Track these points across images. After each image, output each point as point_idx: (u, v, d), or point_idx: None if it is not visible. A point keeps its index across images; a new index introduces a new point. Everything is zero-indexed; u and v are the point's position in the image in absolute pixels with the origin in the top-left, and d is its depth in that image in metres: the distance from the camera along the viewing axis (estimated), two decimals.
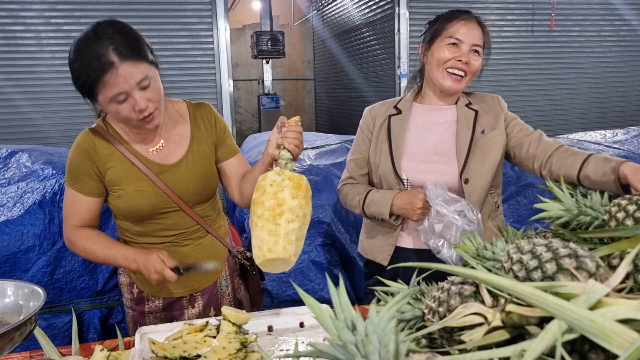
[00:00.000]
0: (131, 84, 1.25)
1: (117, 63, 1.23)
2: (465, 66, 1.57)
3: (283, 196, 1.13)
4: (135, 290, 1.56)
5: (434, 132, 1.66)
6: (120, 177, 1.41)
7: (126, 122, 1.36)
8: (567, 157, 1.40)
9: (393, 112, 1.71)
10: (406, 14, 5.61)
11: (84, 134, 1.45)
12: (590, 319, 0.47)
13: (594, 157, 1.32)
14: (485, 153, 1.61)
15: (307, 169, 2.61)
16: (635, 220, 0.80)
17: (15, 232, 2.05)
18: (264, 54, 7.38)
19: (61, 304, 2.11)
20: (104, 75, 1.22)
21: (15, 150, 2.45)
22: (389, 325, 0.48)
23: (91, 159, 1.41)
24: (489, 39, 1.62)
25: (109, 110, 1.31)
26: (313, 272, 2.37)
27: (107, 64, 1.22)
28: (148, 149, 1.45)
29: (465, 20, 1.59)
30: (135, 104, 1.27)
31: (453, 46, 1.58)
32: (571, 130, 4.35)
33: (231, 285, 1.67)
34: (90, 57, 1.23)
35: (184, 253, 1.52)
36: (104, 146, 1.42)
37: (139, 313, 1.57)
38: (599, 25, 6.23)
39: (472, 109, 1.66)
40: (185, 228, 1.52)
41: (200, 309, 1.59)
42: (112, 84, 1.23)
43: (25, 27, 4.59)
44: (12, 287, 1.04)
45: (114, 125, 1.45)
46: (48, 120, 4.74)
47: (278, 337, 1.29)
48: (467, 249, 0.88)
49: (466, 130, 1.63)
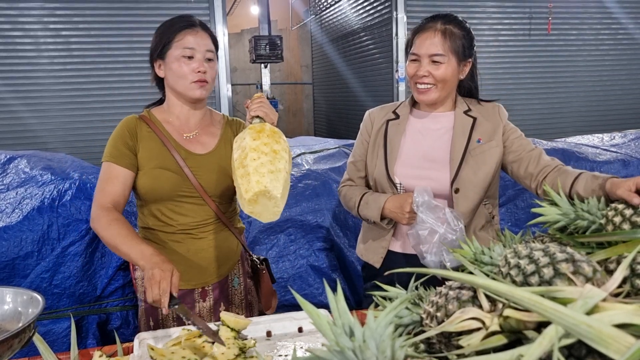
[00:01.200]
0: (202, 48, 1.52)
1: (198, 27, 1.53)
2: (428, 78, 1.56)
3: (245, 143, 1.22)
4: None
5: (429, 138, 1.66)
6: (150, 155, 1.54)
7: (182, 81, 1.53)
8: (560, 175, 1.43)
9: (391, 117, 1.72)
10: (404, 18, 5.62)
11: (129, 117, 1.60)
12: (587, 324, 0.47)
13: (584, 175, 1.35)
14: (479, 163, 1.59)
15: (305, 173, 2.61)
16: (632, 224, 0.80)
17: (14, 238, 2.04)
18: (262, 58, 7.39)
19: (60, 310, 2.11)
20: (186, 29, 1.51)
21: (14, 156, 2.45)
22: (386, 331, 0.48)
23: (132, 134, 1.55)
24: (456, 41, 1.55)
25: (173, 67, 1.51)
26: (312, 277, 2.37)
27: (190, 23, 1.53)
28: (183, 135, 1.60)
29: (423, 31, 1.58)
30: (199, 65, 1.51)
31: (414, 62, 1.59)
32: (569, 134, 4.36)
33: (243, 284, 1.73)
34: (177, 19, 1.55)
35: (199, 246, 1.59)
36: (144, 129, 1.57)
37: (151, 305, 1.55)
38: (596, 28, 6.25)
39: (470, 116, 1.64)
40: (203, 219, 1.58)
41: (211, 303, 1.64)
42: (189, 39, 1.50)
43: (24, 32, 4.59)
44: (11, 294, 1.04)
45: (157, 115, 1.62)
46: (47, 125, 4.74)
47: (277, 342, 1.29)
48: (465, 253, 0.88)
49: (462, 138, 1.61)
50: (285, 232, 2.42)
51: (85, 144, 4.78)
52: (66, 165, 2.39)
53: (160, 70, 1.57)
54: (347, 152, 2.90)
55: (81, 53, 4.73)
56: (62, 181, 2.20)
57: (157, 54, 1.54)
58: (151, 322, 1.61)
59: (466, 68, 1.62)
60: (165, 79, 1.58)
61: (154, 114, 1.62)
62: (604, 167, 2.76)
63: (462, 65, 1.60)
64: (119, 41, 4.79)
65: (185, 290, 1.59)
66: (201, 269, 1.59)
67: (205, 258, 1.60)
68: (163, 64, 1.55)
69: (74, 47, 4.71)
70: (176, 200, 1.55)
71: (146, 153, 1.54)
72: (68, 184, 2.19)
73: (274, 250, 2.38)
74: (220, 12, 4.98)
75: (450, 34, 1.55)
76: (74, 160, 2.52)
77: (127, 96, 4.85)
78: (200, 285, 1.62)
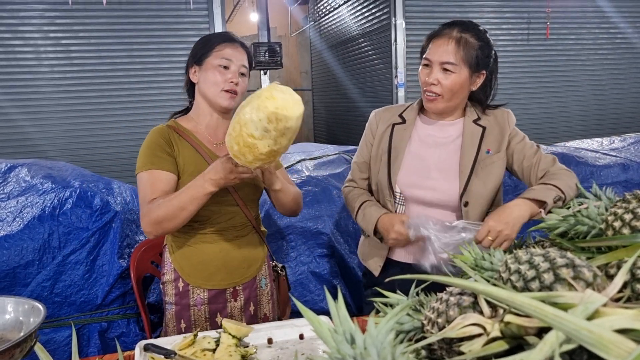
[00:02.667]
0: (238, 61, 1.59)
1: (238, 43, 1.62)
2: (436, 87, 1.52)
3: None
4: (180, 284, 1.64)
5: (436, 147, 1.62)
6: (187, 163, 1.58)
7: (214, 88, 1.58)
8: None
9: (397, 121, 1.67)
10: (403, 24, 5.64)
11: (159, 127, 1.63)
12: (588, 329, 0.48)
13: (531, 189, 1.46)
14: (488, 175, 1.56)
15: (305, 180, 2.61)
16: (632, 229, 0.80)
17: (15, 246, 2.04)
18: (261, 65, 7.40)
19: (61, 319, 2.10)
20: (227, 42, 1.60)
21: (15, 164, 2.45)
22: (387, 338, 0.48)
23: (167, 142, 1.58)
24: (471, 51, 1.51)
25: (208, 75, 1.58)
26: (313, 283, 2.36)
27: (231, 38, 1.63)
28: (213, 143, 1.64)
29: (438, 37, 1.53)
30: (233, 76, 1.58)
31: (426, 67, 1.56)
32: (568, 138, 4.36)
33: (270, 285, 1.77)
34: (219, 33, 1.68)
35: (231, 247, 1.64)
36: (176, 138, 1.61)
37: (182, 307, 1.63)
38: (594, 33, 6.27)
39: (480, 125, 1.60)
40: (235, 221, 1.64)
41: (242, 303, 1.68)
42: (227, 50, 1.59)
43: (24, 41, 4.61)
44: (12, 304, 1.04)
45: (184, 124, 1.65)
46: (47, 134, 4.74)
47: (278, 349, 1.29)
48: (466, 259, 0.88)
49: (471, 149, 1.57)
50: (286, 239, 2.42)
51: (86, 152, 4.79)
52: (67, 174, 2.39)
53: (195, 76, 1.63)
54: (347, 158, 2.91)
55: (81, 61, 4.75)
56: (63, 190, 2.20)
57: (195, 59, 1.62)
58: (182, 324, 1.64)
59: (479, 80, 1.57)
60: (197, 85, 1.64)
61: (181, 123, 1.66)
62: (604, 171, 2.76)
63: (474, 77, 1.55)
64: (119, 49, 4.80)
65: (218, 290, 1.64)
66: (232, 269, 1.65)
67: (235, 258, 1.65)
68: (199, 70, 1.61)
69: (74, 56, 4.73)
70: (212, 204, 1.56)
71: (184, 159, 1.58)
72: (69, 193, 2.19)
73: (275, 257, 2.37)
74: (219, 19, 5.00)
75: (465, 43, 1.50)
76: (74, 169, 2.52)
77: (127, 104, 4.86)
78: (232, 285, 1.66)
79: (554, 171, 1.50)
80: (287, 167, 2.76)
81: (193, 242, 1.63)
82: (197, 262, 1.63)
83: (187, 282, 1.64)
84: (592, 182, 1.51)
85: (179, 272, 1.64)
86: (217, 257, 1.63)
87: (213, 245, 1.63)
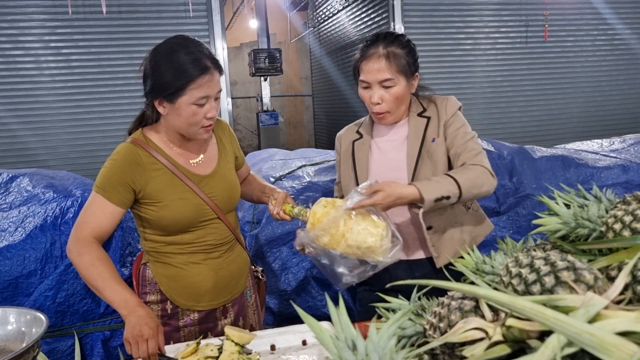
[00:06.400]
0: (215, 91, 1.41)
1: (212, 69, 1.39)
2: (382, 106, 1.57)
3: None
4: (168, 306, 1.57)
5: (392, 149, 1.68)
6: (163, 187, 1.47)
7: (192, 126, 1.43)
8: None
9: (356, 137, 1.75)
10: (401, 29, 5.66)
11: (126, 145, 1.49)
12: (589, 333, 0.48)
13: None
14: (436, 162, 1.60)
15: (306, 185, 2.61)
16: (632, 231, 0.80)
17: (17, 256, 2.04)
18: (261, 71, 7.45)
19: (63, 328, 2.10)
20: (201, 77, 1.36)
21: (16, 174, 2.45)
22: (389, 344, 0.49)
23: (134, 169, 1.45)
24: (401, 61, 1.55)
25: (186, 112, 1.39)
26: (315, 289, 2.36)
27: (205, 67, 1.37)
28: (189, 161, 1.53)
29: (368, 58, 1.56)
30: (209, 111, 1.41)
31: (366, 89, 1.60)
32: (568, 140, 4.37)
33: (254, 296, 1.74)
34: (187, 61, 1.36)
35: (219, 265, 1.58)
36: (146, 157, 1.47)
37: (172, 328, 1.57)
38: (593, 35, 6.29)
39: (424, 116, 1.65)
40: (221, 237, 1.57)
41: (232, 319, 1.64)
42: (204, 86, 1.37)
43: (24, 51, 4.63)
44: (15, 314, 1.04)
45: (154, 139, 1.51)
46: (48, 143, 4.76)
47: (281, 355, 1.29)
48: (467, 263, 0.88)
49: (415, 140, 1.63)
50: (288, 245, 2.42)
51: (87, 161, 4.80)
52: (68, 183, 2.39)
53: (162, 107, 1.43)
54: None
55: (82, 70, 4.77)
56: (65, 199, 2.21)
57: (164, 95, 1.39)
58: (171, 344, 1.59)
59: (415, 82, 1.64)
60: (166, 116, 1.46)
61: (149, 137, 1.52)
62: (604, 172, 2.75)
63: (410, 81, 1.61)
64: (120, 58, 4.82)
65: (208, 310, 1.59)
66: (222, 288, 1.59)
67: (225, 277, 1.59)
68: (169, 106, 1.41)
69: (75, 65, 4.75)
70: (196, 226, 1.52)
71: (157, 185, 1.47)
72: (70, 202, 2.19)
73: (277, 263, 2.37)
74: (219, 26, 5.02)
75: (394, 56, 1.55)
76: (76, 178, 2.53)
77: (128, 112, 4.87)
78: (222, 304, 1.61)
79: (469, 164, 1.53)
80: (288, 173, 2.77)
81: (180, 262, 1.54)
82: (186, 284, 1.55)
83: (177, 304, 1.56)
84: (592, 183, 1.51)
85: (166, 294, 1.56)
86: (207, 277, 1.55)
87: (202, 265, 1.55)
